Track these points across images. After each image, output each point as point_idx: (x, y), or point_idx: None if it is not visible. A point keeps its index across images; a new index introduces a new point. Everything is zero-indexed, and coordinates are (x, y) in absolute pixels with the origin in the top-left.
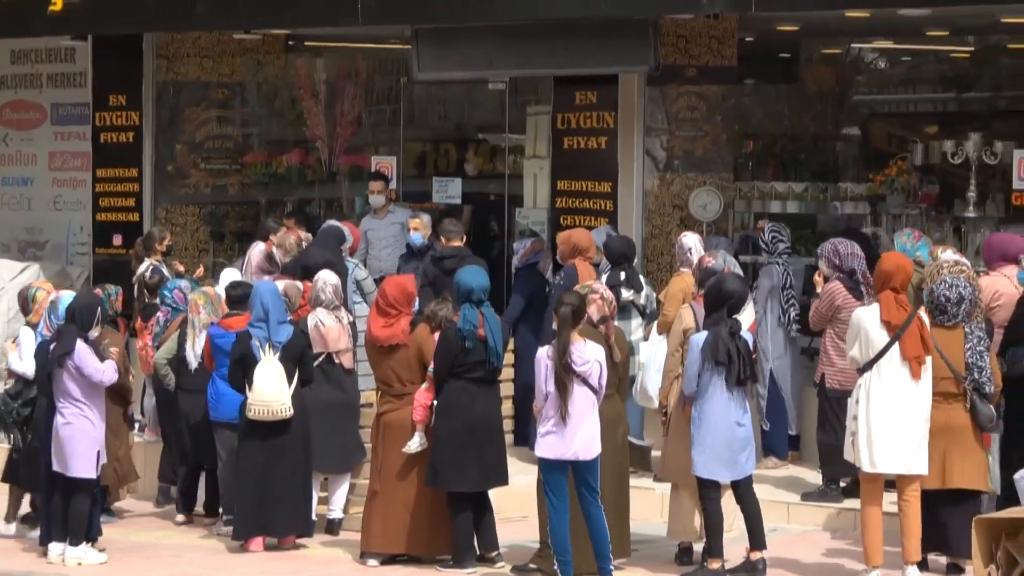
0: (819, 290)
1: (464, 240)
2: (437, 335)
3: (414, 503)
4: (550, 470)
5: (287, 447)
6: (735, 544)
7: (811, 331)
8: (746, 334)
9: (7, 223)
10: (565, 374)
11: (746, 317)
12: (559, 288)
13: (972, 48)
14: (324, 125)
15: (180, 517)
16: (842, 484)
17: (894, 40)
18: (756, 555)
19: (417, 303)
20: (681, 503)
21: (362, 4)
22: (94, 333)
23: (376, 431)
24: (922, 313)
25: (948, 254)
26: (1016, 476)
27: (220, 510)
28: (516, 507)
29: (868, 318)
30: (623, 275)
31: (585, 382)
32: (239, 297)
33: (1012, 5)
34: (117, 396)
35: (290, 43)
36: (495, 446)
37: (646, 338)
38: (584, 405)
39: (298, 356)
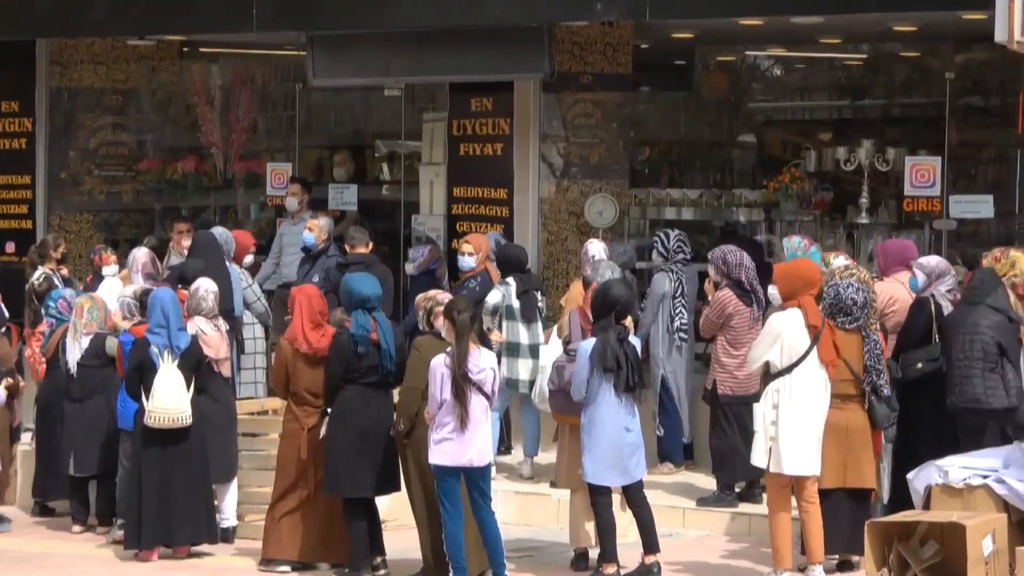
0: (711, 297)
1: (370, 247)
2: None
3: (324, 511)
4: (445, 477)
5: (187, 455)
6: (632, 549)
7: (703, 338)
8: (635, 339)
9: None
10: (464, 382)
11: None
12: (474, 293)
13: (865, 56)
14: (219, 132)
15: (76, 528)
16: (737, 489)
17: (788, 48)
18: (651, 559)
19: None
20: (577, 509)
21: (257, 11)
22: None
23: (305, 446)
24: (830, 320)
25: (840, 260)
26: (909, 476)
27: (115, 517)
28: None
29: (788, 324)
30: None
31: (480, 390)
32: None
33: (903, 13)
34: None
35: (185, 49)
36: (390, 452)
37: (545, 342)
38: (479, 412)
39: (195, 364)
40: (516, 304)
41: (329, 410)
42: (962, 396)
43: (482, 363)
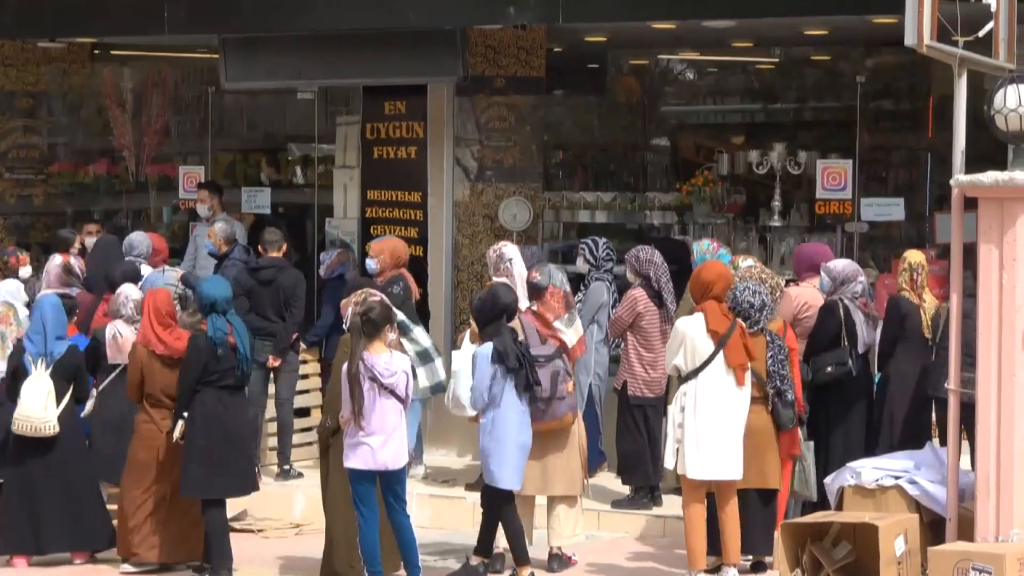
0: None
1: (284, 251)
2: None
3: (192, 513)
4: (359, 480)
5: (55, 464)
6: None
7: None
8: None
9: None
10: (354, 383)
11: (574, 332)
12: (398, 297)
13: (777, 60)
14: (131, 135)
15: None
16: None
17: (700, 51)
18: (525, 571)
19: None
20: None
21: (168, 13)
22: None
23: (162, 448)
24: (741, 322)
25: (749, 263)
26: (826, 480)
27: None
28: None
29: (692, 327)
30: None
31: (393, 393)
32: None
33: (814, 17)
34: None
35: (96, 52)
36: (249, 453)
37: (457, 346)
38: (392, 416)
39: (72, 373)
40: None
41: (184, 413)
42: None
43: (393, 366)
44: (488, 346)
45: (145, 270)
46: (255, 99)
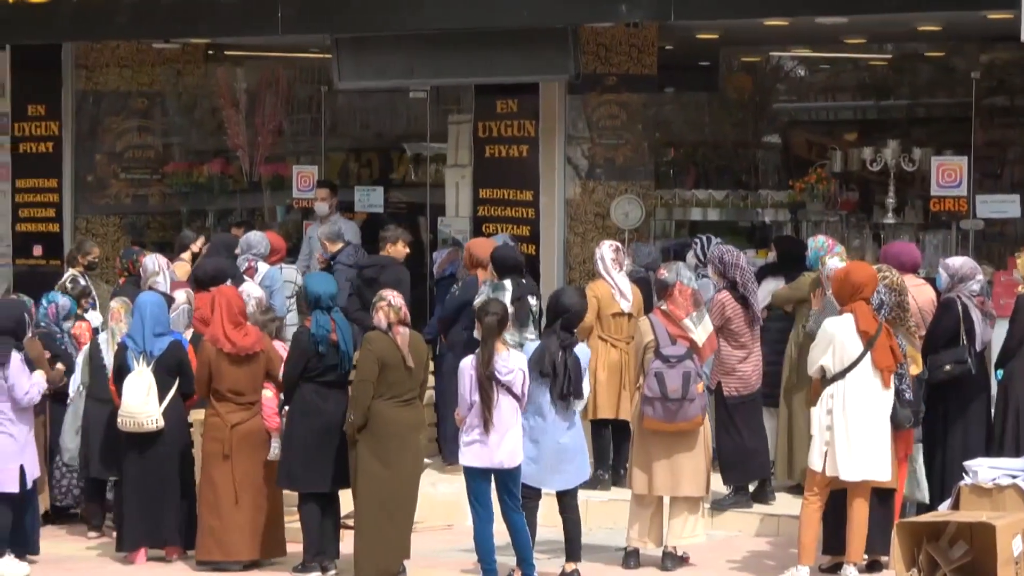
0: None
1: (398, 247)
2: (276, 343)
3: (266, 509)
4: (474, 478)
5: (161, 459)
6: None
7: None
8: (583, 349)
9: None
10: (489, 384)
11: (703, 330)
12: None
13: (890, 56)
14: (245, 134)
15: (92, 533)
16: (751, 489)
17: (813, 48)
18: (571, 567)
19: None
20: (637, 511)
21: (282, 13)
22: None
23: (228, 442)
24: (886, 324)
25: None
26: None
27: None
28: (440, 515)
29: (841, 328)
30: (524, 282)
31: (509, 391)
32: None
33: (928, 13)
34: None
35: (210, 52)
36: (345, 449)
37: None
38: (508, 414)
39: (175, 368)
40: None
41: (287, 407)
42: None
43: (511, 364)
44: (535, 347)
45: (262, 267)
46: (367, 98)
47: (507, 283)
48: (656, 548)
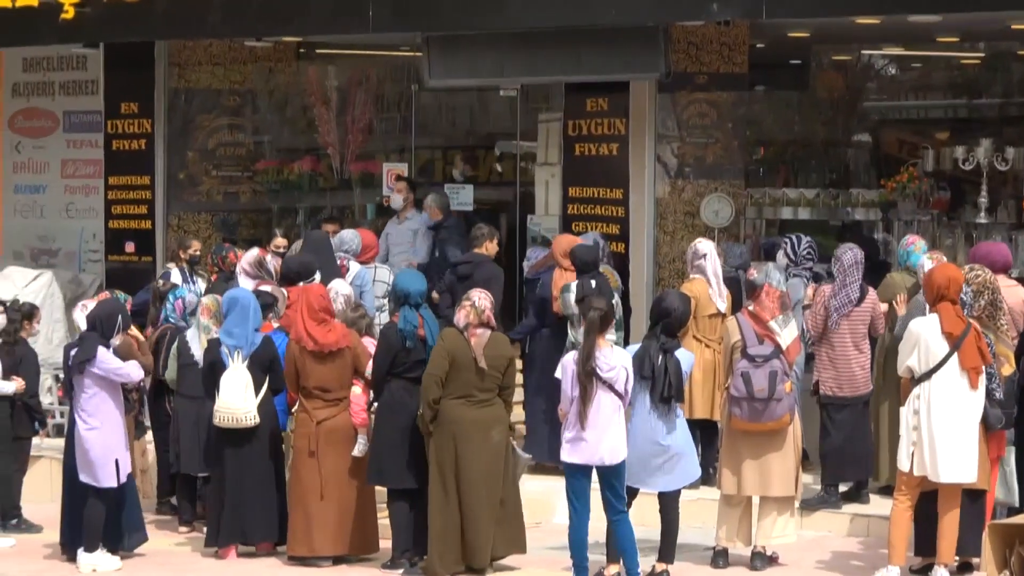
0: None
1: (492, 244)
2: (365, 339)
3: (354, 505)
4: (574, 475)
5: (253, 455)
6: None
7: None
8: (686, 354)
9: (20, 230)
10: (588, 380)
11: (788, 334)
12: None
13: (983, 54)
14: (335, 132)
15: (182, 528)
16: (842, 489)
17: (904, 46)
18: (661, 567)
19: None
20: (726, 511)
21: (373, 12)
22: (115, 340)
23: (314, 438)
24: (976, 324)
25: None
26: None
27: None
28: (529, 513)
29: (926, 329)
30: (593, 283)
31: (611, 388)
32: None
33: (1022, 11)
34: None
35: (301, 50)
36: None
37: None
38: (610, 411)
39: (267, 364)
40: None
41: (374, 404)
42: None
43: (613, 361)
44: (637, 348)
45: (353, 266)
46: (457, 96)
47: (572, 285)
48: (745, 548)
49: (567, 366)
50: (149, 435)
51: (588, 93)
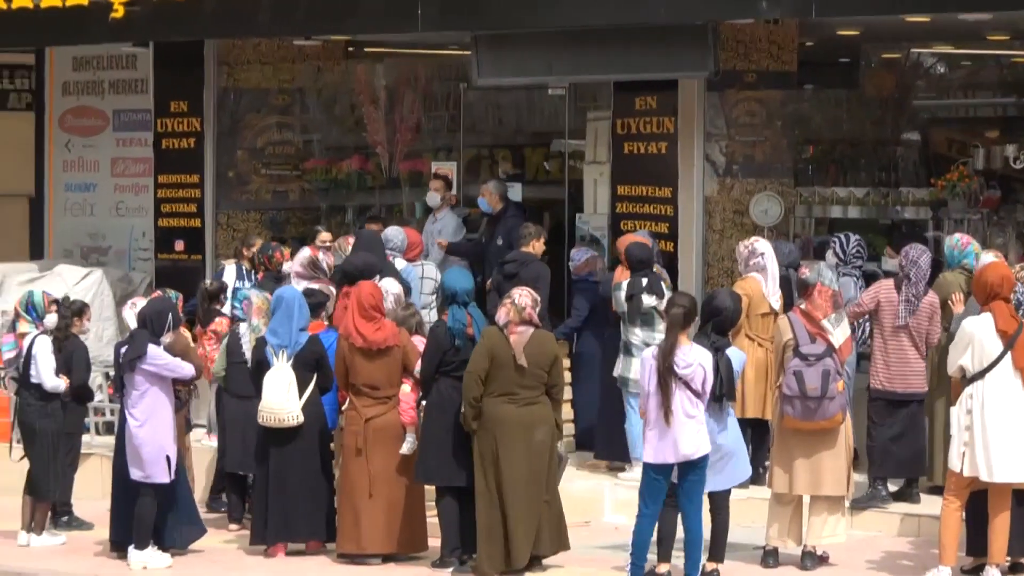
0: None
1: (539, 243)
2: (415, 338)
3: (402, 503)
4: (650, 472)
5: (300, 454)
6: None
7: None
8: (737, 353)
9: (70, 229)
10: (668, 376)
11: (840, 333)
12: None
13: None
14: (384, 131)
15: (232, 526)
16: (893, 489)
17: (954, 45)
18: (711, 566)
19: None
20: (776, 510)
21: (422, 10)
22: (166, 339)
23: (362, 436)
24: None
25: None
26: None
27: None
28: (578, 512)
29: (980, 328)
30: (645, 281)
31: (687, 386)
32: (312, 305)
33: None
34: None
35: (350, 49)
36: None
37: None
38: (687, 408)
39: (314, 363)
40: (624, 305)
41: (423, 402)
42: None
43: (691, 358)
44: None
45: (399, 264)
46: (505, 95)
47: (623, 283)
48: (796, 547)
49: (647, 362)
50: (195, 433)
51: (637, 92)
